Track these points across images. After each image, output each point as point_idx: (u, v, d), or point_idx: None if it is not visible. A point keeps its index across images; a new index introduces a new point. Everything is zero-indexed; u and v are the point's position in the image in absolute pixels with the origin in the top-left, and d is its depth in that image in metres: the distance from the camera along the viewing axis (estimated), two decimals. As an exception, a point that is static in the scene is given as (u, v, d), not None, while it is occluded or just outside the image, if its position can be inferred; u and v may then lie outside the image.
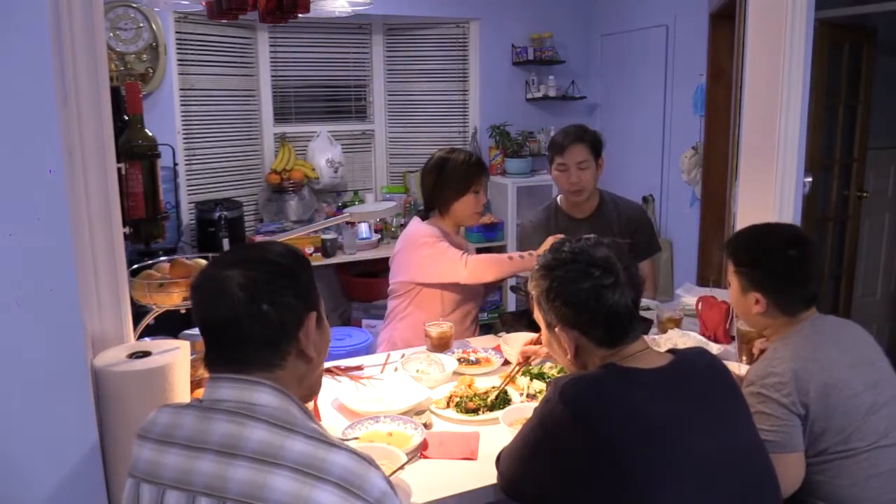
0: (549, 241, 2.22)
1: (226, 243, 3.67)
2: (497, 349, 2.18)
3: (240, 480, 0.96)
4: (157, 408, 1.12)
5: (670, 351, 1.32)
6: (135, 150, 1.74)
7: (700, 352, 1.35)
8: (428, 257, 2.31)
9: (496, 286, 2.62)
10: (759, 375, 1.52)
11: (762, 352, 1.82)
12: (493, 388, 1.89)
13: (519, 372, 1.97)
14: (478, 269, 2.27)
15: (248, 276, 1.05)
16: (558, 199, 2.64)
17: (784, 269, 1.59)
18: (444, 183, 2.36)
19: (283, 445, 0.97)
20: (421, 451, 1.60)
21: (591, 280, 1.26)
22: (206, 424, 1.02)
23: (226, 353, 1.07)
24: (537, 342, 1.97)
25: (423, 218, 2.45)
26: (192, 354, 1.70)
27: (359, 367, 2.11)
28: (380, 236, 4.25)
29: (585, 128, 2.53)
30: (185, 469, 1.00)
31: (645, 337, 1.34)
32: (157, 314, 1.73)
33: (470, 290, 2.40)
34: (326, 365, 1.97)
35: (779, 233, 1.67)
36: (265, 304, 1.04)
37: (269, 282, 1.06)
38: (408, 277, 2.38)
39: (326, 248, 3.98)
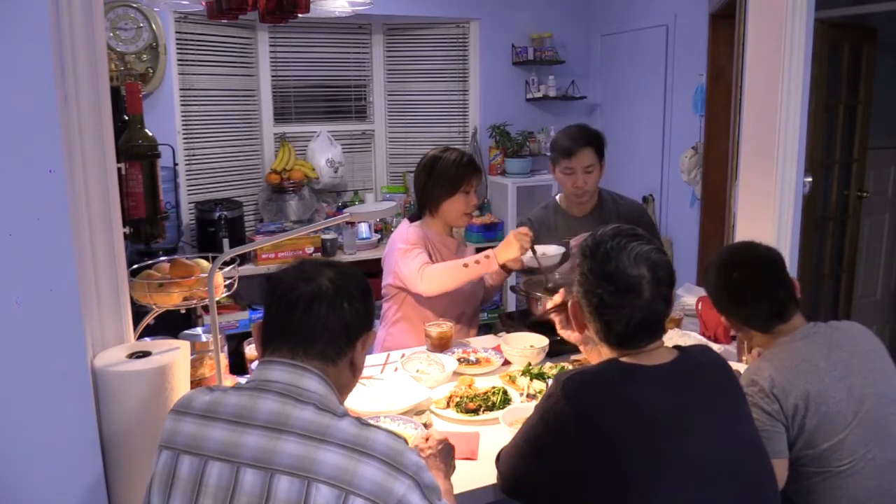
0: (510, 237, 2.16)
1: (226, 243, 3.67)
2: (497, 349, 2.18)
3: (290, 454, 1.03)
4: (190, 391, 1.19)
5: (676, 347, 1.31)
6: (135, 150, 1.74)
7: (704, 350, 1.35)
8: (398, 264, 2.29)
9: (497, 289, 2.61)
10: (745, 383, 1.51)
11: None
12: (494, 388, 1.89)
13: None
14: (434, 280, 2.20)
15: (338, 277, 1.20)
16: (557, 197, 2.64)
17: (733, 290, 1.63)
18: (435, 182, 2.33)
19: (330, 425, 1.05)
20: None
21: (601, 292, 1.26)
22: (253, 402, 1.09)
23: (296, 332, 1.16)
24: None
25: (417, 218, 2.44)
26: (192, 354, 1.70)
27: (359, 367, 2.10)
28: (380, 236, 4.25)
29: (590, 130, 2.50)
30: (231, 442, 1.06)
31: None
32: (157, 314, 1.73)
33: (459, 295, 2.35)
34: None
35: (728, 257, 1.69)
36: (346, 303, 1.18)
37: (354, 287, 1.21)
38: (392, 281, 2.37)
39: (326, 248, 3.99)
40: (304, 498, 1.00)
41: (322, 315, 1.16)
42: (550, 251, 2.28)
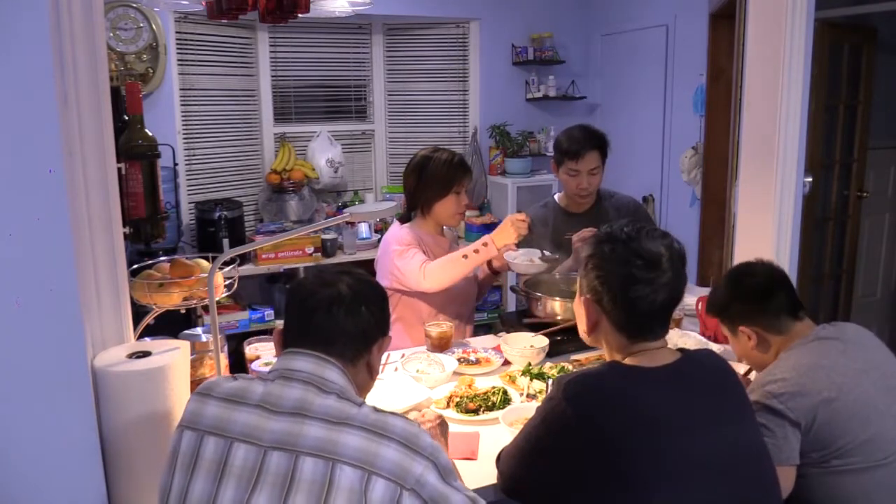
0: (506, 222, 2.21)
1: (226, 243, 3.67)
2: (497, 349, 2.18)
3: (314, 437, 1.08)
4: (215, 377, 1.25)
5: (680, 350, 1.31)
6: (135, 150, 1.75)
7: (708, 353, 1.35)
8: (396, 267, 2.29)
9: (488, 286, 2.61)
10: (760, 383, 1.51)
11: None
12: (494, 388, 1.89)
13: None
14: (436, 276, 2.20)
15: (356, 284, 1.26)
16: (556, 196, 2.66)
17: (747, 290, 1.65)
18: (426, 183, 2.33)
19: (352, 411, 1.12)
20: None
21: (628, 268, 1.25)
22: (280, 390, 1.15)
23: (316, 334, 1.21)
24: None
25: (406, 219, 2.44)
26: (192, 354, 1.70)
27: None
28: (380, 236, 4.24)
29: (595, 131, 2.51)
30: (257, 426, 1.11)
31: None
32: (157, 314, 1.73)
33: (453, 293, 2.36)
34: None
35: (734, 270, 1.77)
36: (363, 307, 1.24)
37: (372, 293, 1.28)
38: (386, 284, 2.35)
39: (326, 248, 3.98)
40: (328, 478, 1.04)
41: (341, 318, 1.22)
42: (537, 260, 2.30)
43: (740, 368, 1.84)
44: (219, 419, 1.13)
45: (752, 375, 1.79)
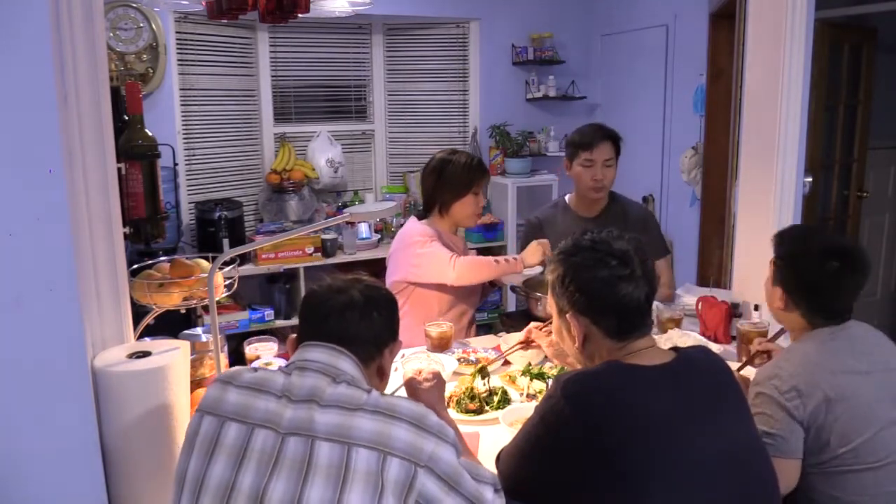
0: (534, 244, 2.30)
1: (226, 243, 3.67)
2: (497, 349, 2.18)
3: (329, 422, 1.12)
4: (235, 367, 1.29)
5: (674, 348, 1.32)
6: (135, 150, 1.75)
7: (703, 350, 1.35)
8: (418, 256, 2.33)
9: (494, 286, 2.63)
10: (766, 377, 1.50)
11: (758, 352, 1.82)
12: (493, 388, 1.89)
13: (518, 348, 2.04)
14: (465, 270, 2.29)
15: (367, 290, 1.32)
16: (567, 197, 2.64)
17: (814, 278, 1.54)
18: (445, 184, 2.38)
19: (362, 397, 1.17)
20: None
21: (608, 269, 1.27)
22: (297, 380, 1.19)
23: (330, 338, 1.25)
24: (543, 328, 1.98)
25: (421, 217, 2.45)
26: (192, 354, 1.70)
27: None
28: (380, 236, 4.25)
29: (608, 127, 2.54)
30: (276, 412, 1.15)
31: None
32: (157, 314, 1.74)
33: (465, 290, 2.40)
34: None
35: (828, 240, 1.60)
36: (376, 313, 1.30)
37: (382, 299, 1.33)
38: (401, 277, 2.38)
39: (326, 248, 3.98)
40: (345, 461, 1.09)
41: (353, 323, 1.27)
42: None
43: (735, 368, 1.84)
44: (241, 406, 1.16)
45: (745, 372, 1.79)
